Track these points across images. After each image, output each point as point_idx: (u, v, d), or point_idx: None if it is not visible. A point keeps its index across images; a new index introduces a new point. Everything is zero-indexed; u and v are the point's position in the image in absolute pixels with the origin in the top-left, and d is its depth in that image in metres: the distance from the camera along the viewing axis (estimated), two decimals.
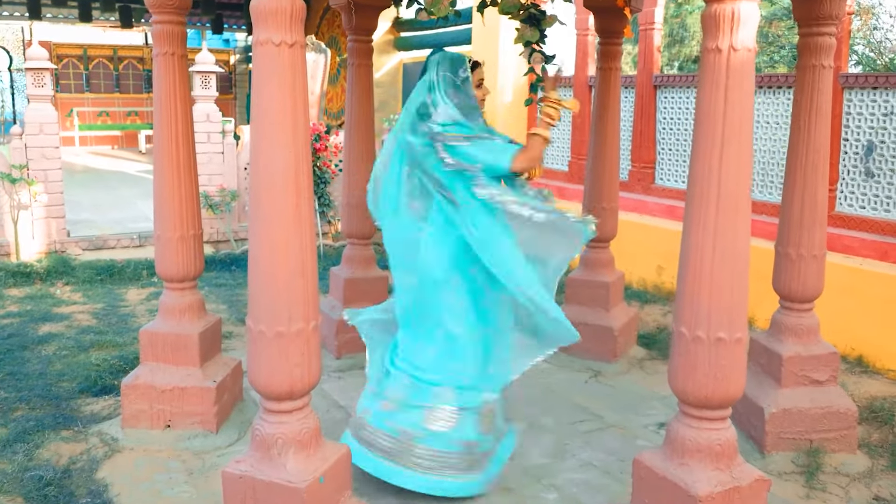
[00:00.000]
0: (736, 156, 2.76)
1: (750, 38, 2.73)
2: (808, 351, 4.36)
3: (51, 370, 5.45)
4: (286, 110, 2.77)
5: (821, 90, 4.21)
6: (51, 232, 8.40)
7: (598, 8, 5.63)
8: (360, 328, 4.20)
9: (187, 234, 4.49)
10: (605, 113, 5.79)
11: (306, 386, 2.96)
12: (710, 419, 2.93)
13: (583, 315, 5.87)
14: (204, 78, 9.04)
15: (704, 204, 2.79)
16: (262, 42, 2.75)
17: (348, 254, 5.98)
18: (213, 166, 9.10)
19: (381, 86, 12.81)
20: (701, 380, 2.87)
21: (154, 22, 4.28)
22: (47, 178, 8.36)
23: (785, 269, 4.39)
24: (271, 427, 2.96)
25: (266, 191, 2.80)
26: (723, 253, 2.79)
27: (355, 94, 5.76)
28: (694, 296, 2.85)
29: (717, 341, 2.83)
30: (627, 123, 8.43)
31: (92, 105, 19.62)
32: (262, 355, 2.90)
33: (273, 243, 2.82)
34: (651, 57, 8.13)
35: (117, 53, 19.91)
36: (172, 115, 4.34)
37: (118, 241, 8.76)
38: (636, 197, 8.19)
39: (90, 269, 8.01)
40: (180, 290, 4.56)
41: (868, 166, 6.21)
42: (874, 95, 6.14)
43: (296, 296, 2.86)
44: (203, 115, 9.08)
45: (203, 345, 4.53)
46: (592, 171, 5.91)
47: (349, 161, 5.84)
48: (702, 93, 2.82)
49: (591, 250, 5.97)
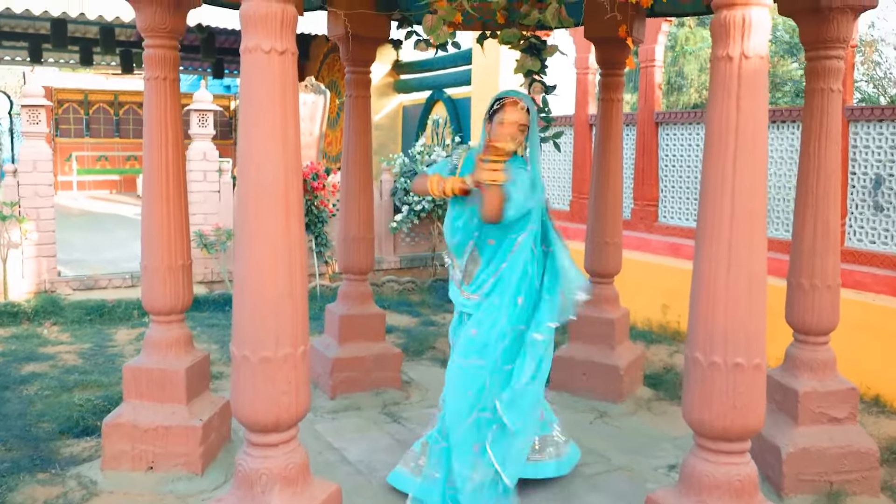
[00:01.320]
0: (750, 168, 2.60)
1: (762, 46, 2.59)
2: (825, 386, 4.15)
3: (31, 410, 5.22)
4: (276, 121, 2.62)
5: (830, 114, 4.08)
6: (41, 271, 8.21)
7: (600, 39, 5.54)
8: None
9: (175, 264, 4.31)
10: (607, 144, 5.65)
11: (293, 416, 2.75)
12: (729, 452, 2.72)
13: (587, 353, 5.69)
14: (201, 116, 8.94)
15: (718, 218, 2.62)
16: (251, 49, 2.60)
17: (344, 290, 5.79)
18: (208, 205, 8.95)
19: (380, 128, 12.77)
20: (718, 409, 2.67)
21: (146, 46, 4.17)
22: (39, 217, 8.20)
23: (798, 301, 4.20)
24: (255, 462, 2.75)
25: (253, 204, 2.63)
26: (738, 270, 2.61)
27: (353, 126, 5.63)
28: (708, 317, 2.66)
29: (734, 367, 2.64)
30: (629, 161, 8.31)
31: (91, 149, 19.58)
32: (247, 383, 2.70)
33: (260, 261, 2.64)
34: (652, 94, 8.04)
35: (118, 98, 19.93)
36: (163, 140, 4.20)
37: (109, 282, 8.57)
38: (639, 235, 8.03)
39: (79, 309, 7.81)
40: (167, 323, 4.37)
41: (877, 200, 6.05)
42: (880, 128, 6.02)
43: (284, 318, 2.67)
44: (199, 154, 8.96)
45: (190, 381, 4.31)
46: (595, 206, 5.75)
47: (346, 193, 5.69)
48: (712, 104, 2.67)
49: (595, 286, 5.78)
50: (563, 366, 5.70)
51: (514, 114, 3.71)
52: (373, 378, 5.69)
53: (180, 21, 4.21)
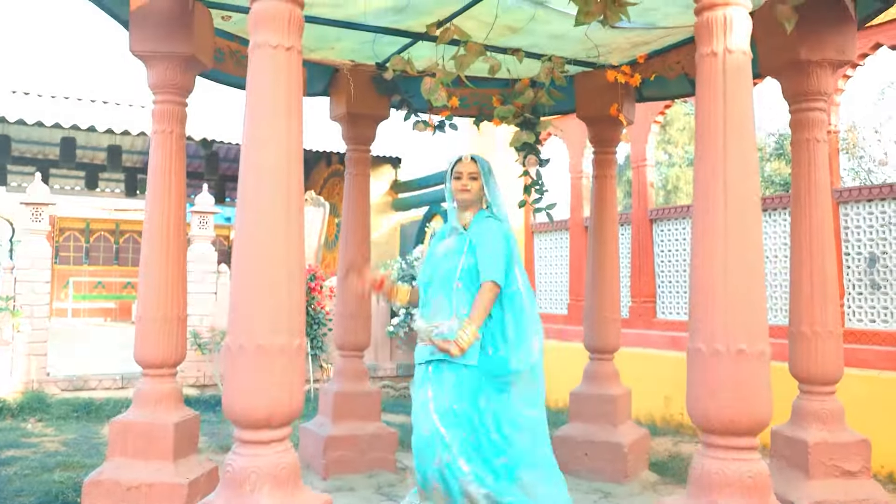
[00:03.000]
0: (740, 156, 2.64)
1: (744, 42, 2.70)
2: (836, 438, 4.02)
3: (8, 488, 5.01)
4: (279, 110, 2.68)
5: (817, 164, 4.16)
6: (30, 370, 8.07)
7: (592, 118, 5.70)
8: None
9: (171, 314, 4.27)
10: (602, 218, 5.72)
11: (286, 412, 2.65)
12: (738, 448, 2.61)
13: (589, 432, 5.52)
14: (202, 218, 9.06)
15: (712, 205, 2.64)
16: (259, 45, 2.70)
17: (339, 367, 5.70)
18: (205, 306, 8.91)
19: (378, 245, 12.90)
20: (724, 400, 2.58)
21: (155, 102, 4.29)
22: (33, 314, 8.14)
23: (801, 350, 4.13)
24: (245, 460, 2.62)
25: (254, 188, 2.65)
26: (736, 258, 2.60)
27: (351, 203, 5.71)
28: (708, 305, 2.62)
29: (738, 354, 2.57)
30: (626, 260, 8.37)
31: (89, 276, 19.65)
32: (240, 373, 2.62)
33: (258, 244, 2.63)
34: (645, 192, 8.20)
35: (119, 227, 20.19)
36: (166, 191, 4.25)
37: (99, 382, 8.40)
38: (638, 332, 7.98)
39: (66, 406, 7.62)
40: (158, 376, 4.27)
41: (873, 278, 6.07)
42: (870, 207, 6.11)
43: (280, 304, 2.63)
44: (198, 255, 9.02)
45: (178, 437, 4.16)
46: (592, 281, 5.75)
47: (344, 269, 5.69)
48: (700, 99, 2.75)
49: (595, 362, 5.70)
50: (564, 445, 5.52)
51: (461, 167, 4.00)
52: (367, 459, 5.50)
53: (189, 80, 4.35)
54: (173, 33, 4.10)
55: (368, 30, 4.79)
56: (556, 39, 4.81)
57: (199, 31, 4.20)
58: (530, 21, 4.51)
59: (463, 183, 3.97)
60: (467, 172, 3.98)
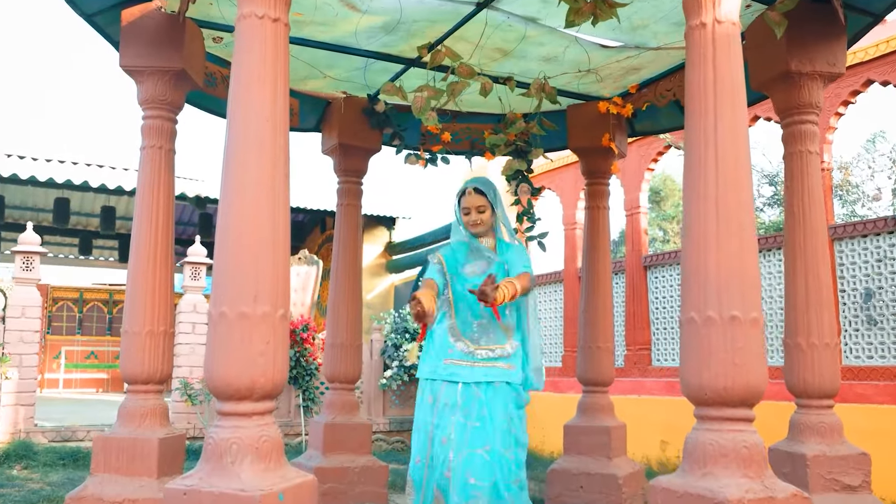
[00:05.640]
0: (731, 124, 2.65)
1: (733, 13, 2.73)
2: (835, 451, 3.92)
3: None
4: (266, 80, 2.69)
5: (810, 174, 4.17)
6: (17, 420, 7.91)
7: (584, 149, 5.75)
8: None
9: (157, 329, 4.20)
10: (594, 251, 5.71)
11: (269, 382, 2.59)
12: (733, 419, 2.55)
13: (583, 465, 5.40)
14: (194, 269, 9.03)
15: (702, 171, 2.64)
16: (246, 15, 2.73)
17: (330, 399, 5.59)
18: (196, 357, 8.80)
19: (372, 307, 12.85)
20: (717, 368, 2.53)
21: (144, 118, 4.30)
22: (22, 363, 8.03)
23: (797, 362, 4.06)
24: (226, 432, 2.55)
25: (240, 152, 2.64)
26: (727, 222, 2.58)
27: (343, 233, 5.70)
28: (700, 271, 2.59)
29: (731, 320, 2.53)
30: (620, 308, 8.32)
31: (82, 345, 19.46)
32: (222, 342, 2.57)
33: (242, 208, 2.60)
34: (639, 239, 8.22)
35: (113, 297, 20.09)
36: (154, 206, 4.23)
37: (87, 433, 8.23)
38: (634, 380, 7.88)
39: (53, 454, 7.45)
40: (144, 392, 4.18)
41: (870, 314, 6.03)
42: (865, 243, 6.12)
43: (264, 271, 2.59)
44: (190, 306, 8.96)
45: (163, 453, 4.04)
46: (585, 311, 5.71)
47: (335, 299, 5.65)
48: (690, 70, 2.77)
49: (589, 395, 5.61)
50: (559, 479, 5.41)
51: (468, 201, 4.01)
52: (357, 492, 5.36)
53: (179, 96, 4.38)
54: (164, 48, 4.15)
55: (359, 54, 4.86)
56: (547, 63, 4.89)
57: (190, 47, 4.26)
58: (521, 41, 4.58)
59: (472, 219, 4.00)
60: (475, 207, 3.99)
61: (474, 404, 3.73)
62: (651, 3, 4.12)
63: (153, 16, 4.22)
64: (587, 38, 4.54)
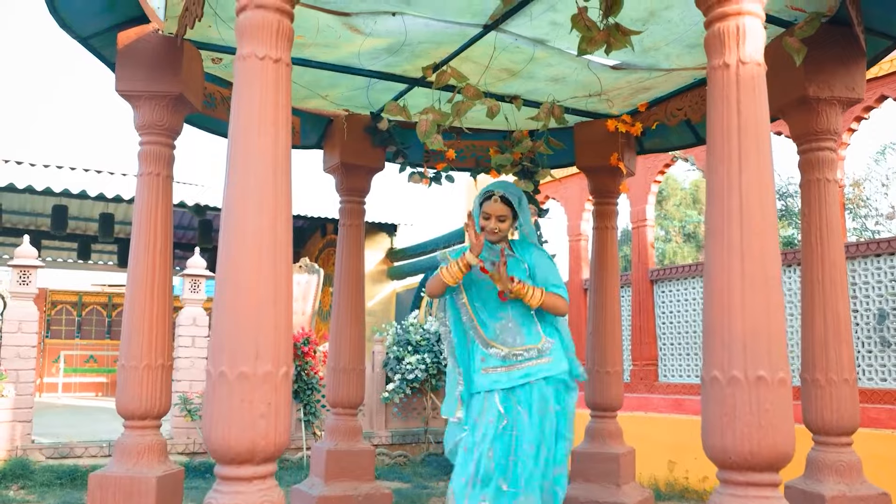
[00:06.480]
0: (756, 167, 2.51)
1: (758, 53, 2.59)
2: (854, 491, 3.79)
3: None
4: (266, 127, 2.55)
5: (828, 203, 4.04)
6: (14, 437, 7.79)
7: (592, 168, 5.61)
8: None
9: (154, 363, 4.07)
10: (603, 270, 5.57)
11: (271, 445, 2.45)
12: (759, 485, 2.41)
13: (591, 492, 5.27)
14: (193, 282, 8.90)
15: (726, 221, 2.49)
16: (246, 56, 2.58)
17: (332, 425, 5.47)
18: (195, 371, 8.68)
19: (373, 314, 12.75)
20: (742, 430, 2.39)
21: (141, 143, 4.17)
22: (19, 379, 7.91)
23: (815, 399, 3.94)
24: (226, 498, 2.41)
25: (240, 202, 2.50)
26: (752, 277, 2.44)
27: (345, 252, 5.58)
28: (724, 328, 2.45)
29: (757, 381, 2.40)
30: (626, 322, 8.19)
31: (81, 349, 19.33)
32: (222, 403, 2.43)
33: (243, 262, 2.46)
34: (645, 252, 8.09)
35: (112, 300, 19.95)
36: (151, 235, 4.10)
37: (85, 450, 8.10)
38: (640, 396, 7.75)
39: (50, 473, 7.33)
40: (141, 428, 4.05)
41: (883, 335, 5.89)
42: (878, 262, 5.99)
43: (265, 329, 2.45)
44: (189, 319, 8.84)
45: (161, 492, 3.92)
46: (594, 334, 5.59)
47: (337, 322, 5.52)
48: (712, 113, 2.63)
49: (597, 420, 5.48)
50: None
51: (490, 208, 3.96)
52: None
53: (178, 121, 4.24)
54: (161, 72, 4.01)
55: (362, 74, 4.73)
56: (556, 83, 4.75)
57: (188, 70, 4.12)
58: (529, 62, 4.44)
59: (491, 226, 3.95)
60: (496, 215, 3.95)
61: (513, 410, 3.75)
62: (664, 25, 3.98)
63: (150, 39, 4.08)
64: (597, 60, 4.40)
